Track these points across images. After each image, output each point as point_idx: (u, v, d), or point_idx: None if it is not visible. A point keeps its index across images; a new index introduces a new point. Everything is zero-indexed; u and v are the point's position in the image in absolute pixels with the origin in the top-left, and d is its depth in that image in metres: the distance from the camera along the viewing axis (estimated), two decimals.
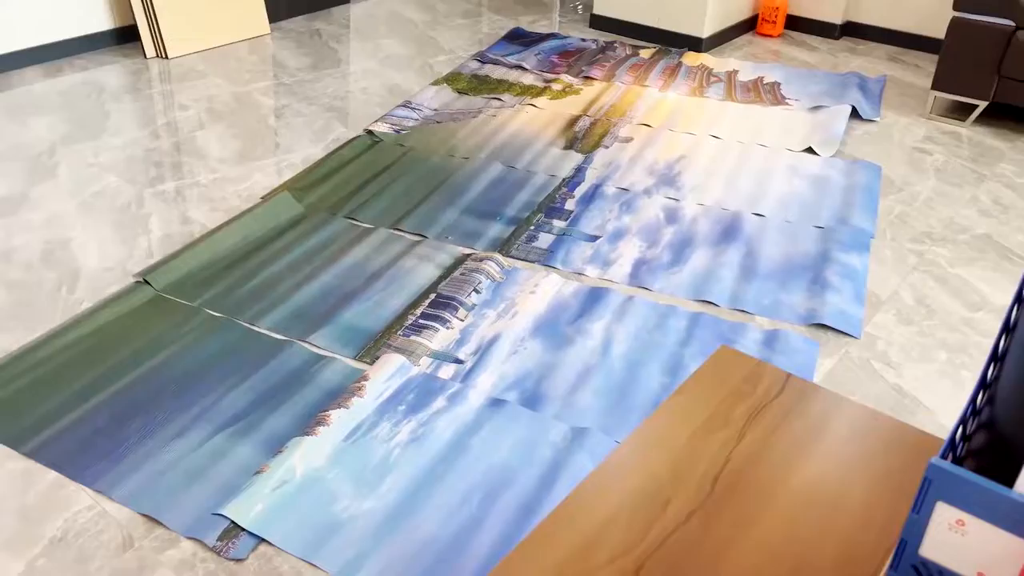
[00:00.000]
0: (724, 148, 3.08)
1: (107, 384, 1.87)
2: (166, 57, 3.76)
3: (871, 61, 4.06)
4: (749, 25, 4.43)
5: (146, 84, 3.49)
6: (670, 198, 2.73)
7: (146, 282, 2.21)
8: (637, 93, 3.55)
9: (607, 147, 3.07)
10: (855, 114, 3.41)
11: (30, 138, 2.99)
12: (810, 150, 3.09)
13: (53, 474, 1.66)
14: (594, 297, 2.22)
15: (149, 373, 1.91)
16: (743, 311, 2.20)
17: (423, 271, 2.31)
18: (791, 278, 2.32)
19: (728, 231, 2.54)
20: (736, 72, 3.80)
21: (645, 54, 4.00)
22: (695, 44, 4.09)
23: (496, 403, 1.85)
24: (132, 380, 1.89)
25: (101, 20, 3.78)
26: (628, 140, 3.12)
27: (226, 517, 1.55)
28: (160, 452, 1.70)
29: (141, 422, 1.77)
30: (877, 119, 3.39)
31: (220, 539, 1.52)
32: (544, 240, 2.48)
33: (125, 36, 3.88)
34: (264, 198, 2.64)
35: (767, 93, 3.56)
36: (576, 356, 2.01)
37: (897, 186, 2.88)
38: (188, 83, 3.52)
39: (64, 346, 1.98)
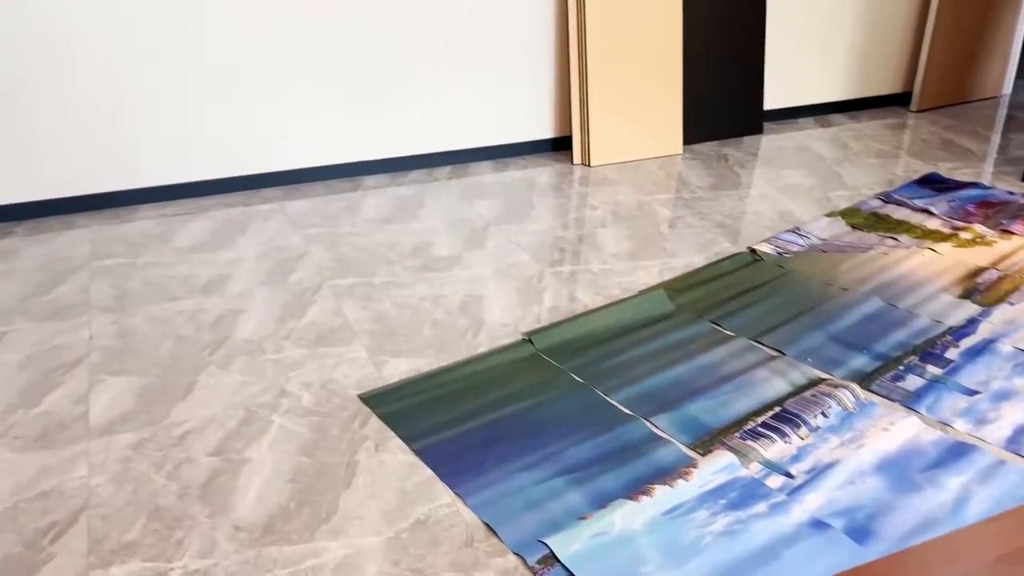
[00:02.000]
0: None
1: (483, 413, 2.25)
2: (589, 165, 4.35)
3: None
4: None
5: (568, 185, 4.08)
6: None
7: (530, 341, 2.60)
8: None
9: (1012, 304, 2.80)
10: None
11: (473, 215, 3.69)
12: None
13: (428, 471, 2.04)
14: (958, 452, 2.06)
15: (516, 413, 2.25)
16: None
17: (774, 384, 2.36)
18: None
19: None
20: None
21: None
22: None
23: (819, 525, 1.82)
24: (502, 415, 2.24)
25: (544, 130, 4.53)
26: None
27: (547, 546, 1.77)
28: (510, 478, 1.99)
29: (501, 450, 2.10)
30: None
31: (539, 562, 1.74)
32: (912, 383, 2.36)
33: (560, 145, 4.59)
34: (641, 292, 2.93)
35: None
36: (920, 504, 1.88)
37: None
38: (601, 188, 4.03)
39: (460, 376, 2.42)
